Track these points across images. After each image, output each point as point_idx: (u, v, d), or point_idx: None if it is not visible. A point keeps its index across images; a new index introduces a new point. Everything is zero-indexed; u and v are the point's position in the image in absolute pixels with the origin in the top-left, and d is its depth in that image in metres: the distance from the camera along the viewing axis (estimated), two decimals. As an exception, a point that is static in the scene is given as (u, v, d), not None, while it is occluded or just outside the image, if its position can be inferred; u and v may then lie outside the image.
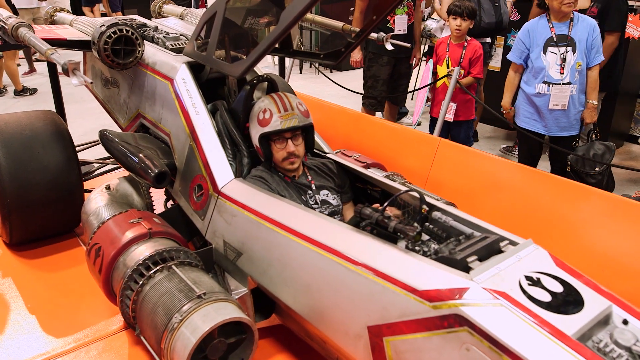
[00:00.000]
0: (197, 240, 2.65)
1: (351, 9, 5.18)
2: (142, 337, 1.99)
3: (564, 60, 3.84)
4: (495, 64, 5.90)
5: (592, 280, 1.58)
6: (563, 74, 3.87)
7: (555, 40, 3.86)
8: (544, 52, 3.89)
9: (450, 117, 4.38)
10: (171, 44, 2.93)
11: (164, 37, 3.01)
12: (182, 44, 2.96)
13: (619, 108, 5.52)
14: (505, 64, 6.02)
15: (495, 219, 3.19)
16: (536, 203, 3.14)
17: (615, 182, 4.46)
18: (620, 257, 2.78)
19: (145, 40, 2.97)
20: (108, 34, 2.60)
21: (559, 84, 3.88)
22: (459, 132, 4.51)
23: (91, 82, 1.99)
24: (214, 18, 2.35)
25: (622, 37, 4.72)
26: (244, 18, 2.68)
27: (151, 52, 2.84)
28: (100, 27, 2.60)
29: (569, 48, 3.82)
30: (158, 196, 3.12)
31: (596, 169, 3.76)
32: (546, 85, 3.92)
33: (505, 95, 4.23)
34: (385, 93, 5.05)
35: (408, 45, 3.45)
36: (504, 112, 4.26)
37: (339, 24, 3.09)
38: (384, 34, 3.09)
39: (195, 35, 2.57)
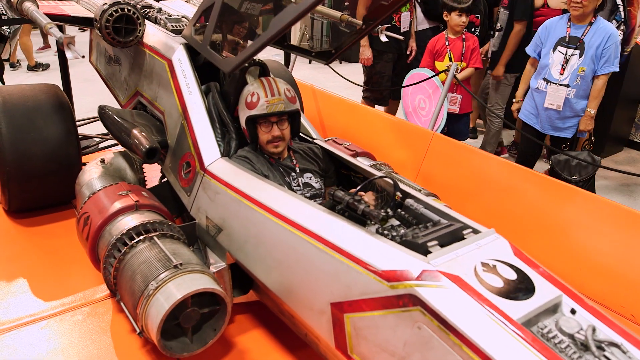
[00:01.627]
0: (186, 216, 2.74)
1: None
2: (121, 303, 2.09)
3: (566, 61, 3.85)
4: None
5: (548, 271, 1.64)
6: (563, 75, 3.89)
7: (567, 40, 3.85)
8: (553, 50, 3.90)
9: (455, 109, 4.45)
10: (172, 26, 3.01)
11: (166, 18, 3.09)
12: (183, 26, 3.03)
13: (619, 113, 5.53)
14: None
15: (480, 214, 3.27)
16: (523, 200, 3.20)
17: (610, 187, 4.50)
18: (599, 257, 2.84)
19: (147, 21, 3.05)
20: (110, 12, 2.68)
21: (556, 83, 3.90)
22: (459, 124, 4.58)
23: (83, 57, 2.07)
24: (212, 6, 2.42)
25: (530, 27, 4.79)
26: (241, 5, 2.73)
27: (152, 32, 2.93)
28: (103, 5, 2.68)
29: (577, 51, 3.80)
30: (155, 173, 3.21)
31: (573, 177, 3.76)
32: (545, 82, 3.95)
33: (520, 87, 4.31)
34: (389, 89, 5.11)
35: (401, 37, 3.50)
36: (514, 101, 4.33)
37: (337, 13, 3.15)
38: (379, 25, 3.14)
39: (194, 20, 2.64)
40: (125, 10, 2.71)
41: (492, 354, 1.33)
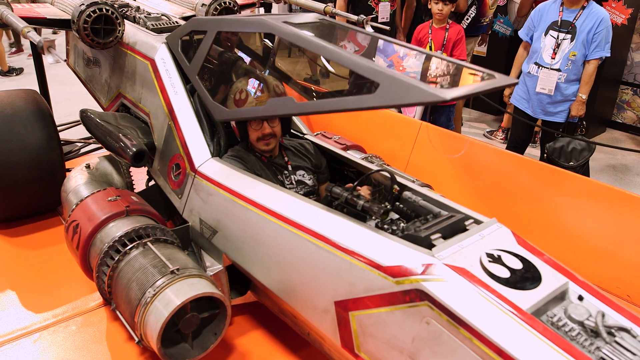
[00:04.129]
0: (177, 219, 2.68)
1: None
2: (117, 312, 2.03)
3: (558, 46, 3.83)
4: (482, 48, 5.92)
5: (553, 259, 1.63)
6: (554, 59, 3.87)
7: (559, 24, 3.82)
8: (545, 34, 3.87)
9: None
10: (152, 24, 2.93)
11: (145, 17, 3.01)
12: (163, 24, 2.95)
13: (601, 94, 5.57)
14: (490, 49, 6.07)
15: (473, 201, 3.27)
16: (514, 186, 3.20)
17: (595, 168, 4.53)
18: (593, 239, 2.85)
19: (126, 20, 2.97)
20: (87, 12, 2.60)
21: (548, 68, 3.89)
22: (440, 116, 4.55)
23: (65, 60, 2.01)
24: (202, 36, 2.34)
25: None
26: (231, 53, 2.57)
27: (132, 32, 2.85)
28: (80, 5, 2.60)
29: (569, 35, 3.78)
30: (141, 176, 3.14)
31: (570, 163, 3.77)
32: (536, 66, 3.94)
33: (512, 71, 4.28)
34: None
35: (387, 28, 3.46)
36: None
37: (320, 5, 3.10)
38: (364, 17, 3.10)
39: (181, 34, 2.54)
40: (104, 10, 2.63)
41: (504, 346, 1.31)
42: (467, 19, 5.03)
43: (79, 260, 2.20)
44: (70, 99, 6.17)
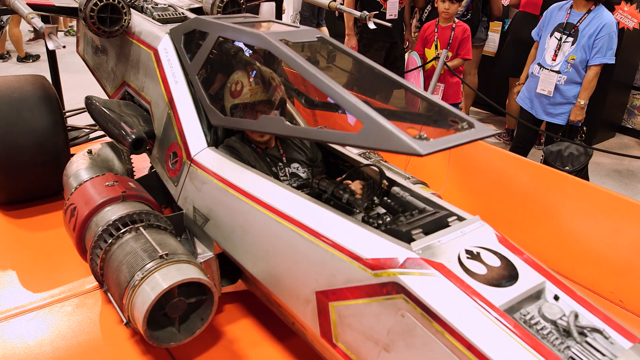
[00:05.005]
0: (175, 206, 2.73)
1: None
2: (108, 294, 2.08)
3: (559, 47, 3.84)
4: (491, 49, 5.89)
5: (533, 258, 1.65)
6: (555, 60, 3.88)
7: (564, 26, 3.82)
8: (550, 35, 3.88)
9: (438, 97, 4.42)
10: (158, 14, 2.98)
11: (152, 7, 3.06)
12: (170, 15, 3.00)
13: (611, 99, 5.52)
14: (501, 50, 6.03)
15: (469, 201, 3.28)
16: (514, 188, 3.20)
17: (601, 173, 4.51)
18: (588, 244, 2.85)
19: (134, 10, 3.02)
20: (94, 1, 2.65)
21: (549, 69, 3.89)
22: None
23: (64, 47, 2.05)
24: (204, 37, 2.35)
25: None
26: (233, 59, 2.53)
27: (138, 21, 2.89)
28: (88, -6, 2.65)
29: (570, 38, 3.77)
30: (145, 164, 3.20)
31: (566, 168, 3.77)
32: (539, 67, 3.95)
33: (524, 70, 4.30)
34: None
35: (389, 24, 3.47)
36: (517, 84, 4.35)
37: (325, 0, 3.12)
38: (367, 13, 3.11)
39: (184, 30, 2.54)
40: (110, -1, 2.68)
41: (473, 341, 1.33)
42: (425, 13, 5.06)
43: (75, 242, 2.25)
44: (84, 87, 6.26)
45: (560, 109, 3.97)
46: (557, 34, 3.84)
